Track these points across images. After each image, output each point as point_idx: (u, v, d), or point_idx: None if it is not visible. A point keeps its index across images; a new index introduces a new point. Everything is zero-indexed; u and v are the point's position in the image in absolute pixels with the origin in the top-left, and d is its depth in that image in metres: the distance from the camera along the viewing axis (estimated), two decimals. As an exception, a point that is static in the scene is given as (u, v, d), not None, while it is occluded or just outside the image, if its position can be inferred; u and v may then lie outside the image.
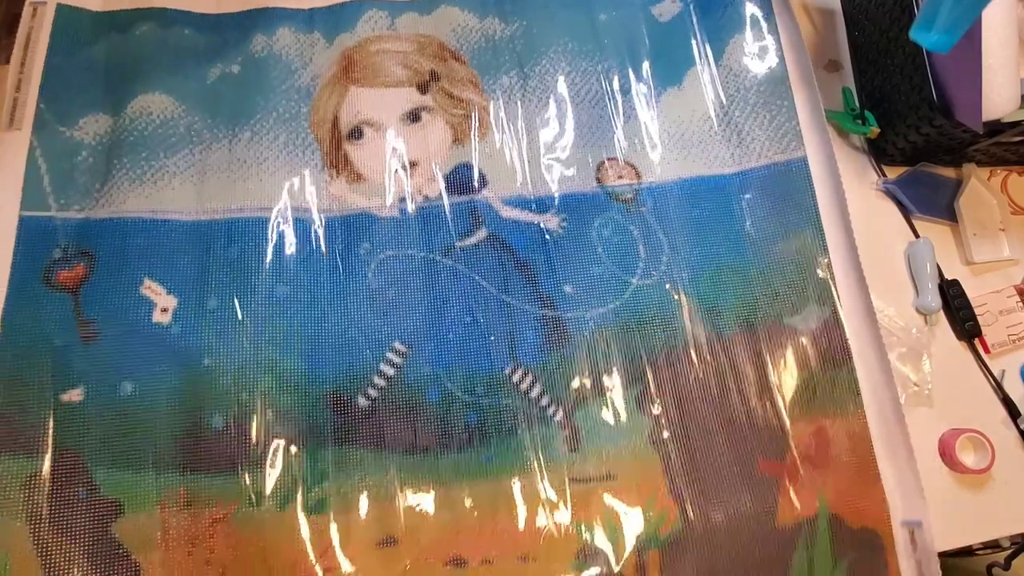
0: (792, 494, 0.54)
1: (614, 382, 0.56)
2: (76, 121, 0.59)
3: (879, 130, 0.62)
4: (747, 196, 0.61)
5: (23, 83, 0.60)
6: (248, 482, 0.51)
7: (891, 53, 0.61)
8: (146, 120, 0.59)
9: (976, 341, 0.61)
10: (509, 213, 0.59)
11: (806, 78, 0.63)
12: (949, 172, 0.65)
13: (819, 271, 0.59)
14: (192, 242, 0.56)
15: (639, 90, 0.64)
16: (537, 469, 0.53)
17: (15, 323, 0.53)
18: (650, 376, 0.56)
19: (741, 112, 0.63)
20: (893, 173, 0.65)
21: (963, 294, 0.60)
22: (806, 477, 0.55)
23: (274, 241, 0.57)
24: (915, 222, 0.63)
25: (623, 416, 0.55)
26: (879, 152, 0.65)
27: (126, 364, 0.53)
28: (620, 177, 0.61)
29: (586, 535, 0.52)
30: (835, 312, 0.58)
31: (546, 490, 0.53)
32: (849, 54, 0.68)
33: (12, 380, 0.52)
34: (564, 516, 0.52)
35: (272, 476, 0.52)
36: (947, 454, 0.57)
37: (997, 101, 0.55)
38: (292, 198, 0.58)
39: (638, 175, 0.61)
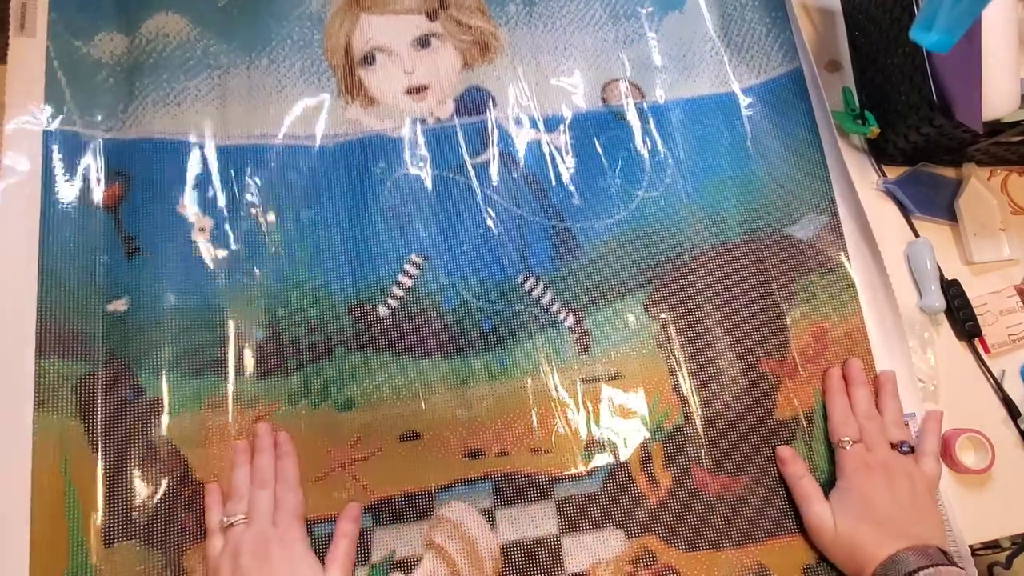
0: (791, 390, 0.59)
1: (622, 288, 0.60)
2: (91, 36, 0.62)
3: (879, 130, 0.63)
4: (748, 113, 0.66)
5: None
6: (286, 385, 0.56)
7: (891, 53, 0.61)
8: (163, 41, 0.62)
9: (976, 341, 0.61)
10: (518, 132, 0.63)
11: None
12: (949, 172, 0.66)
13: (817, 182, 0.64)
14: (221, 166, 0.60)
15: (642, 13, 0.68)
16: (549, 370, 0.58)
17: (58, 235, 0.57)
18: (657, 282, 0.60)
19: (739, 31, 0.68)
20: (893, 173, 0.66)
21: (963, 294, 0.61)
22: (804, 374, 0.59)
23: (295, 165, 0.61)
24: (915, 222, 0.64)
25: (631, 320, 0.59)
26: (879, 152, 0.66)
27: (169, 278, 0.57)
28: (626, 97, 0.65)
29: (594, 429, 0.57)
30: (832, 220, 0.63)
31: (557, 389, 0.57)
32: (849, 54, 0.69)
33: (60, 289, 0.56)
34: (574, 412, 0.57)
35: (307, 379, 0.57)
36: (947, 454, 0.57)
37: (997, 101, 0.56)
38: (311, 125, 0.62)
39: (642, 95, 0.66)
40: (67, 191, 0.58)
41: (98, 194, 0.58)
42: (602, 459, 0.56)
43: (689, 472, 0.56)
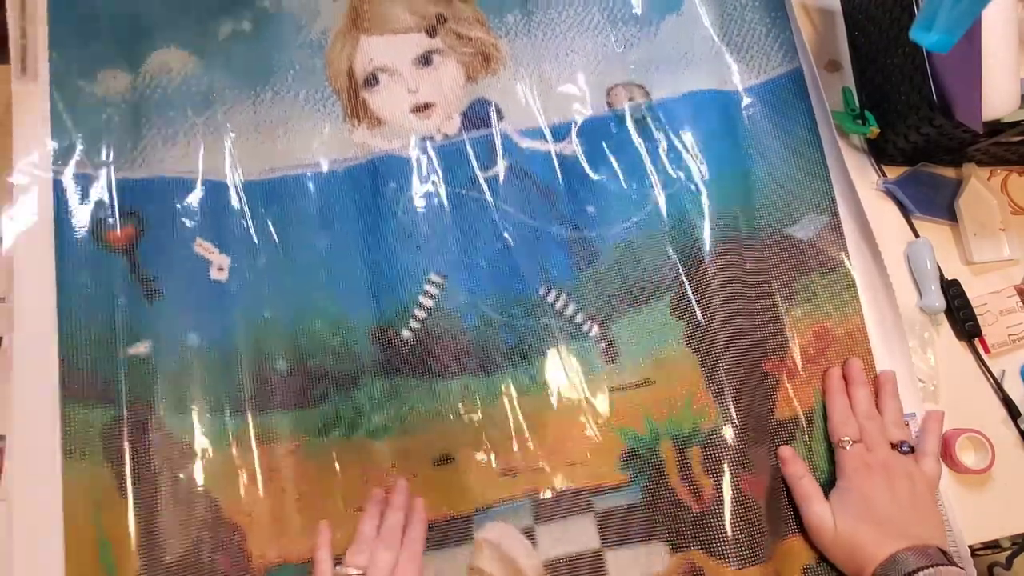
0: (790, 390, 0.59)
1: (644, 292, 0.60)
2: (92, 75, 0.61)
3: (879, 130, 0.63)
4: (748, 113, 0.65)
5: (28, 28, 0.61)
6: (315, 417, 0.56)
7: (891, 53, 0.62)
8: (168, 77, 0.62)
9: (976, 341, 0.61)
10: (527, 143, 0.63)
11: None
12: (949, 172, 0.66)
13: (817, 181, 0.64)
14: (233, 203, 0.60)
15: (640, 16, 0.68)
16: (578, 382, 0.57)
17: (74, 282, 0.57)
18: (678, 283, 0.60)
19: (739, 31, 0.67)
20: (893, 173, 0.66)
21: (963, 294, 0.62)
22: (804, 374, 0.59)
23: (308, 196, 0.61)
24: (915, 222, 0.64)
25: (657, 323, 0.59)
26: (879, 152, 0.66)
27: (190, 318, 0.57)
28: (630, 99, 0.65)
29: (629, 438, 0.56)
30: (833, 220, 0.63)
31: (588, 400, 0.57)
32: (849, 54, 0.69)
33: (80, 336, 0.56)
34: (607, 423, 0.56)
35: (336, 409, 0.56)
36: (947, 454, 0.57)
37: (997, 101, 0.56)
38: (320, 152, 0.62)
39: (647, 94, 0.65)
40: (81, 235, 0.58)
41: (112, 236, 0.58)
42: (639, 468, 0.56)
43: (735, 476, 0.55)
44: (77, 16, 0.63)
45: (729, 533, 0.53)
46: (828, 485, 0.55)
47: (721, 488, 0.54)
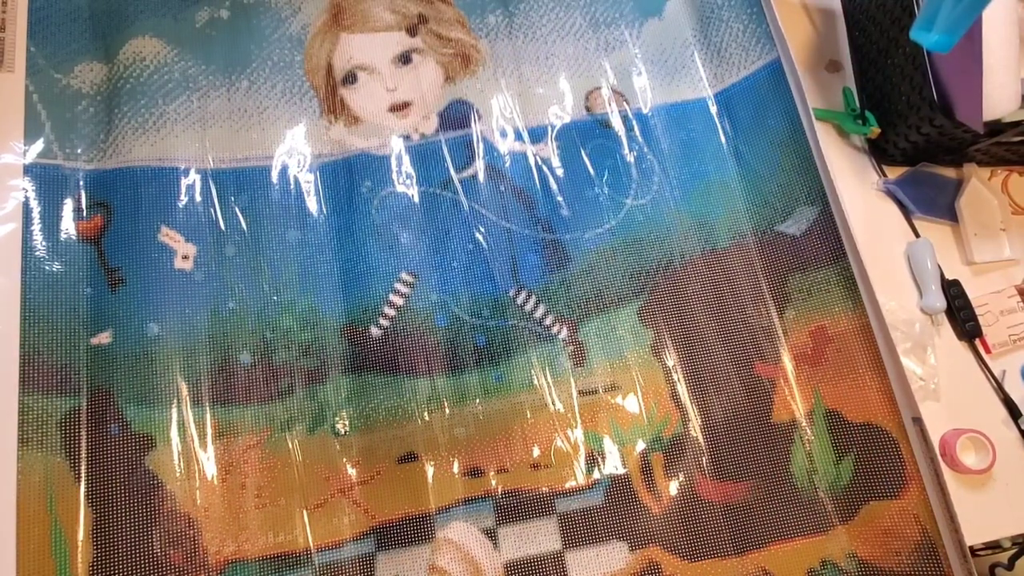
0: (787, 393, 0.58)
1: (615, 298, 0.60)
2: (70, 68, 0.61)
3: (880, 130, 0.63)
4: (729, 116, 0.65)
5: (7, 23, 0.61)
6: (278, 411, 0.56)
7: (891, 53, 0.62)
8: (140, 66, 0.62)
9: (977, 341, 0.61)
10: (504, 145, 0.63)
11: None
12: (950, 172, 0.66)
13: (803, 170, 0.62)
14: (203, 191, 0.60)
15: (621, 21, 0.68)
16: (545, 384, 0.58)
17: (41, 270, 0.56)
18: (649, 290, 0.60)
19: (717, 31, 0.67)
20: (894, 173, 0.66)
21: (964, 294, 0.61)
22: (801, 376, 0.58)
23: (280, 188, 0.61)
24: (916, 222, 0.64)
25: (625, 329, 0.59)
26: (880, 152, 0.66)
27: (152, 308, 0.57)
28: (609, 105, 0.65)
29: (593, 442, 0.56)
30: (824, 209, 0.61)
31: (554, 403, 0.57)
32: (850, 54, 0.69)
33: (43, 325, 0.55)
34: (572, 426, 0.57)
35: (300, 404, 0.56)
36: (948, 454, 0.57)
37: (998, 101, 0.56)
38: (295, 146, 0.62)
39: (626, 102, 0.65)
40: (49, 226, 0.57)
41: (81, 227, 0.58)
42: (602, 471, 0.56)
43: (691, 480, 0.56)
44: (59, 10, 0.63)
45: (683, 531, 0.54)
46: (831, 488, 0.56)
47: (681, 491, 0.55)
